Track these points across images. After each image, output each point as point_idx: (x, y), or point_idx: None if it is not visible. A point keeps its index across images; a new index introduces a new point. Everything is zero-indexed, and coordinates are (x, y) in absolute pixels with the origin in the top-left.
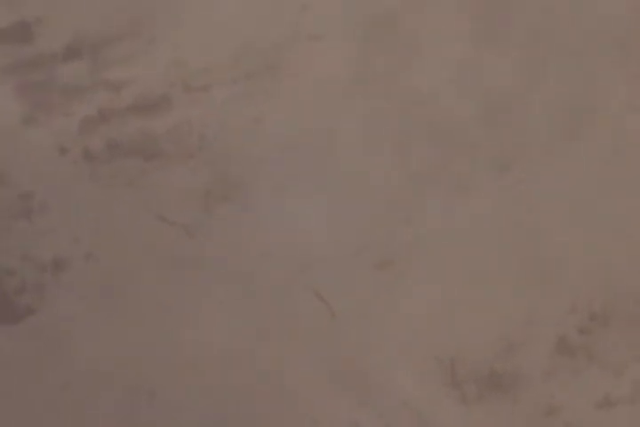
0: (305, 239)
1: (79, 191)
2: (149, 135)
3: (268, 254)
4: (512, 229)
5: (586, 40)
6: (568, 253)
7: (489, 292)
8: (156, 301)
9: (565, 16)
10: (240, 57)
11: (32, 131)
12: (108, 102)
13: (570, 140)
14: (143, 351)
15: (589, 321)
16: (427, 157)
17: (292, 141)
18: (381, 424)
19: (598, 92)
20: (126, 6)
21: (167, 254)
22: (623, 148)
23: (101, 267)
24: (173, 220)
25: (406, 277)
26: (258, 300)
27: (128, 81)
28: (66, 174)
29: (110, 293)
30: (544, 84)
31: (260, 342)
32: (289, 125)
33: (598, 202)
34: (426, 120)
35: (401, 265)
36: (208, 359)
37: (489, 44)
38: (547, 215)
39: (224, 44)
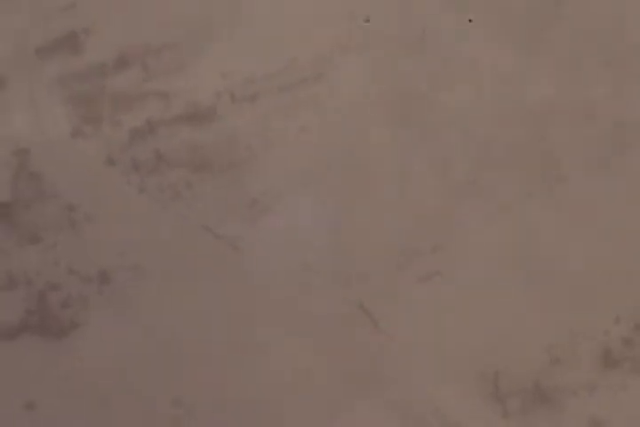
0: (348, 252)
1: (126, 203)
2: (196, 146)
3: (312, 267)
4: (555, 242)
5: (631, 54)
6: (611, 264)
7: (533, 304)
8: (200, 313)
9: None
10: (286, 67)
11: (81, 142)
12: (157, 113)
13: (616, 154)
14: (184, 366)
15: (634, 332)
16: (467, 172)
17: (335, 153)
18: None
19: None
20: (175, 17)
21: (212, 266)
22: None
23: (147, 279)
24: (218, 232)
25: (450, 290)
26: (301, 312)
27: (176, 91)
28: (113, 186)
29: (155, 305)
30: (585, 98)
31: (302, 353)
32: (333, 137)
33: None
34: (463, 132)
35: (444, 278)
36: (257, 372)
37: (530, 56)
38: (589, 226)
39: (271, 55)
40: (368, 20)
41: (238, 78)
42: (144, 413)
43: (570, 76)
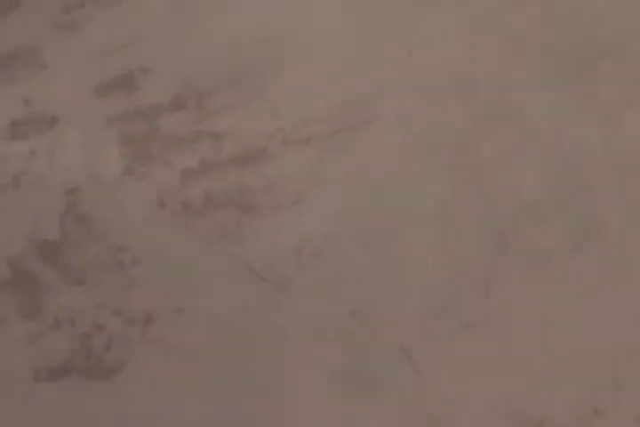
0: (394, 297)
1: (174, 244)
2: (247, 188)
3: (357, 311)
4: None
5: None
6: None
7: (575, 355)
8: (243, 356)
9: None
10: (339, 109)
11: (132, 182)
12: (209, 154)
13: None
14: (224, 409)
15: None
16: (508, 229)
17: (383, 197)
18: None
19: None
20: (231, 58)
21: (257, 309)
22: None
23: (190, 322)
24: (265, 275)
25: (490, 339)
26: (345, 356)
27: (229, 132)
28: (162, 227)
29: (198, 348)
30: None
31: (346, 398)
32: (381, 180)
33: None
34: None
35: (485, 328)
36: (298, 417)
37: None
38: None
39: (326, 96)
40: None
41: (290, 120)
42: None
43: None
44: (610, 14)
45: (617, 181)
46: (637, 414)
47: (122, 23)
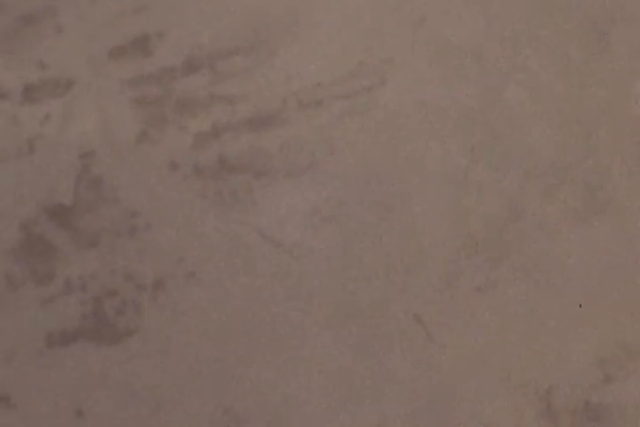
0: (406, 262)
1: (186, 209)
2: (260, 152)
3: (369, 276)
4: (612, 257)
5: None
6: None
7: (588, 320)
8: (254, 321)
9: None
10: (354, 72)
11: (145, 146)
12: (222, 117)
13: None
14: (234, 373)
15: None
16: (520, 196)
17: (396, 161)
18: None
19: None
20: (246, 20)
21: (268, 274)
22: None
23: (201, 287)
24: (278, 240)
25: (505, 302)
26: (356, 320)
27: (243, 95)
28: (174, 191)
29: (209, 313)
30: None
31: (356, 358)
32: (396, 144)
33: None
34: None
35: (500, 290)
36: (308, 380)
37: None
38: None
39: (339, 59)
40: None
41: (305, 83)
42: (196, 421)
43: None
44: None
45: (628, 146)
46: None
47: None
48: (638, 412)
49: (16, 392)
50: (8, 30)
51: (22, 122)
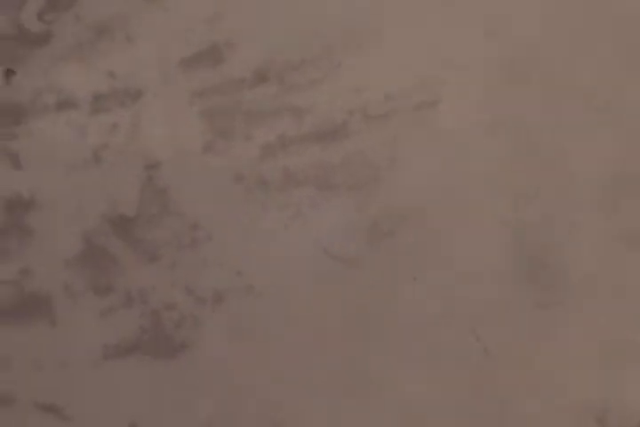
0: (465, 274)
1: (248, 221)
2: (325, 165)
3: (428, 291)
4: None
5: None
6: None
7: None
8: (314, 336)
9: None
10: (419, 85)
11: (211, 157)
12: (289, 129)
13: None
14: (291, 387)
15: None
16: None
17: (456, 178)
18: None
19: None
20: (316, 31)
21: (327, 289)
22: None
23: (260, 301)
24: (337, 253)
25: (565, 320)
26: (414, 335)
27: (310, 107)
28: (237, 203)
29: (267, 327)
30: None
31: (407, 370)
32: (455, 160)
33: None
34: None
35: (562, 309)
36: (368, 399)
37: None
38: None
39: (406, 71)
40: None
41: (372, 95)
42: None
43: None
44: None
45: None
46: None
47: None
48: None
49: (70, 403)
50: (81, 39)
51: (90, 132)
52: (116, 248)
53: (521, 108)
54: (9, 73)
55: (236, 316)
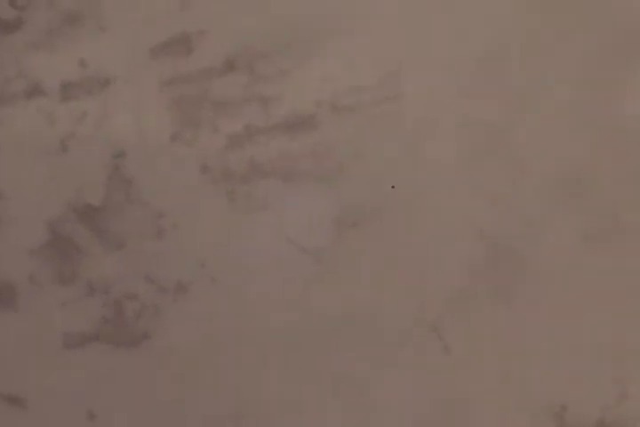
0: (424, 269)
1: (213, 212)
2: (291, 156)
3: (388, 284)
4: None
5: None
6: None
7: (605, 337)
8: (274, 327)
9: None
10: (386, 79)
11: (177, 147)
12: (256, 119)
13: None
14: (250, 380)
15: None
16: (540, 216)
17: (427, 173)
18: None
19: None
20: (286, 21)
21: (292, 280)
22: None
23: (223, 292)
24: (303, 245)
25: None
26: (370, 329)
27: (278, 97)
28: (203, 194)
29: (229, 318)
30: None
31: (374, 370)
32: (418, 154)
33: None
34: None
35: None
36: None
37: None
38: None
39: (378, 64)
40: None
41: (340, 87)
42: (208, 424)
43: None
44: None
45: None
46: None
47: None
48: None
49: (30, 393)
50: (52, 27)
51: (58, 120)
52: (80, 237)
53: (485, 107)
54: None
55: (196, 307)
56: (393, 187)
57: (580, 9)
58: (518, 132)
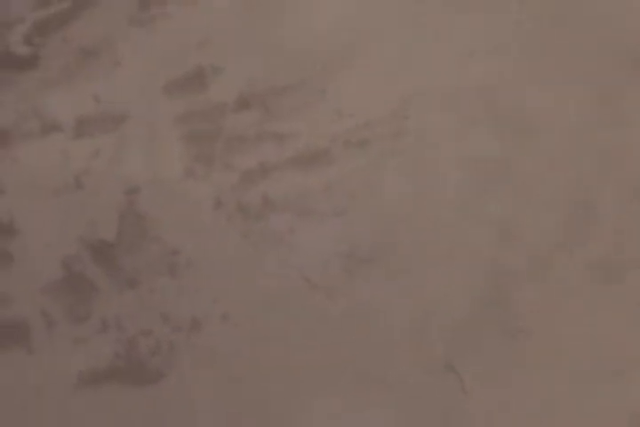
0: (436, 306)
1: (227, 248)
2: (305, 191)
3: (400, 324)
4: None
5: None
6: None
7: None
8: (287, 365)
9: None
10: (402, 110)
11: (190, 183)
12: (270, 155)
13: None
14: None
15: None
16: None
17: (438, 208)
18: None
19: None
20: (299, 58)
21: (305, 317)
22: None
23: (236, 329)
24: (316, 281)
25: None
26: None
27: (292, 133)
28: (217, 230)
29: (242, 355)
30: None
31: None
32: (438, 186)
33: None
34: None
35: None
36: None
37: None
38: None
39: (389, 98)
40: None
41: (355, 121)
42: None
43: None
44: None
45: None
46: None
47: (196, 22)
48: None
49: None
50: (68, 63)
51: (73, 156)
52: (94, 275)
53: (493, 140)
54: None
55: (210, 344)
56: None
57: (579, 37)
58: (523, 161)
